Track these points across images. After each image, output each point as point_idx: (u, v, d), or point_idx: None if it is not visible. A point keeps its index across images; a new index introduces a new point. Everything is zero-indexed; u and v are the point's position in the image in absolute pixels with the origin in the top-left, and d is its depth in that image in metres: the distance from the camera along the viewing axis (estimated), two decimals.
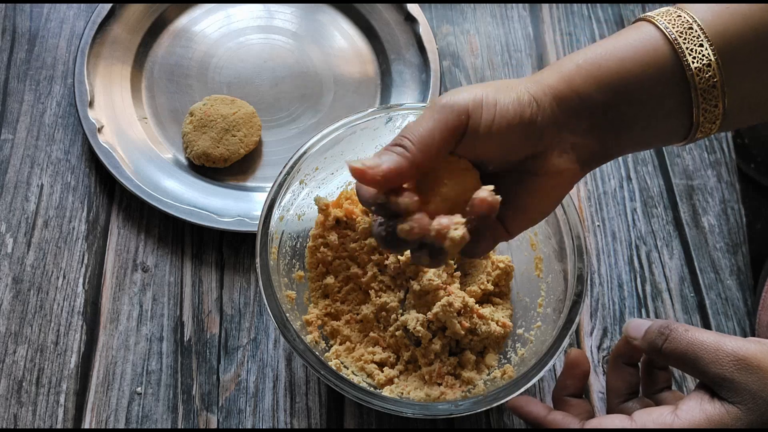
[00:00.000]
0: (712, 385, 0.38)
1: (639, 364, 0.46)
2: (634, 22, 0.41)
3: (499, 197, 0.36)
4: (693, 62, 0.38)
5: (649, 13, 0.40)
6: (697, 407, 0.38)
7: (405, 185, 0.38)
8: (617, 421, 0.40)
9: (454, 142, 0.38)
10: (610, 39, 0.40)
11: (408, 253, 0.54)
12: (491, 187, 0.36)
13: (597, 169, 0.68)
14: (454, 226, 0.35)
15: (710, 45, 0.38)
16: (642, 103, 0.39)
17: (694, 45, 0.38)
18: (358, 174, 0.36)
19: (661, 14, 0.40)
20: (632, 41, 0.39)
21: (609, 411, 0.44)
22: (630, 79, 0.38)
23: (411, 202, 0.36)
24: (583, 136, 0.39)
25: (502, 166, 0.40)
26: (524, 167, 0.40)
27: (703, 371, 0.38)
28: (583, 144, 0.40)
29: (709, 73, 0.38)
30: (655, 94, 0.38)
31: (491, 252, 0.57)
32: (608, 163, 0.68)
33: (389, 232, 0.37)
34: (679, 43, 0.38)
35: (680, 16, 0.39)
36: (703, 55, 0.38)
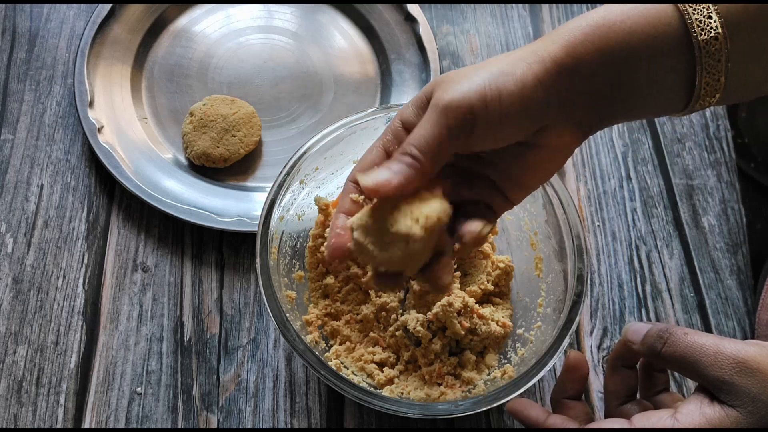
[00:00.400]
0: (712, 388, 0.38)
1: (637, 366, 0.45)
2: None
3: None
4: (701, 34, 0.37)
5: None
6: (696, 411, 0.38)
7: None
8: (616, 425, 0.39)
9: (461, 142, 0.37)
10: (622, 6, 0.39)
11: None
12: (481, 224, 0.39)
13: (597, 169, 0.68)
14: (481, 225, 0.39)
15: (719, 17, 0.37)
16: (645, 72, 0.38)
17: (703, 16, 0.37)
18: (372, 192, 0.36)
19: None
20: (642, 9, 0.38)
21: (607, 413, 0.44)
22: (636, 49, 0.37)
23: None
24: (584, 106, 0.39)
25: (498, 149, 0.40)
26: (525, 141, 0.39)
27: (703, 374, 0.38)
28: (584, 114, 0.39)
29: (716, 46, 0.37)
30: (658, 63, 0.38)
31: (491, 252, 0.57)
32: (608, 163, 0.68)
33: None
34: (688, 13, 0.37)
35: None
36: (711, 27, 0.37)
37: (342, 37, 0.73)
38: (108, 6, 0.69)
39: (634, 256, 0.64)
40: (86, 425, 0.55)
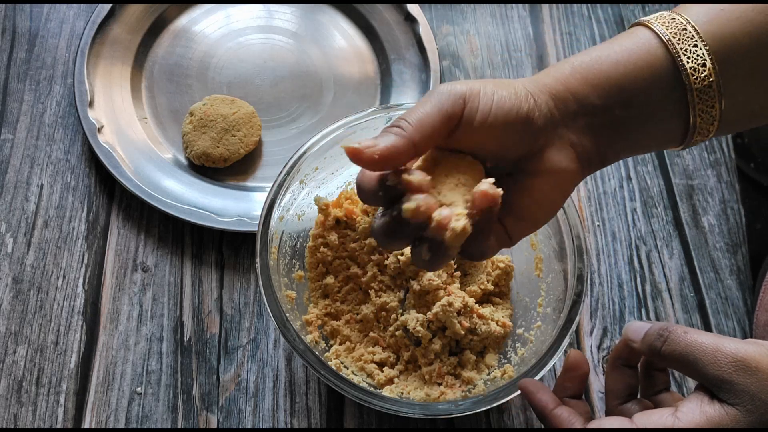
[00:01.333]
0: (711, 386, 0.38)
1: (638, 365, 0.45)
2: (629, 28, 0.42)
3: (500, 190, 0.35)
4: (687, 62, 0.38)
5: (643, 18, 0.41)
6: (697, 409, 0.38)
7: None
8: (617, 423, 0.40)
9: (449, 127, 0.38)
10: (606, 43, 0.40)
11: (408, 252, 0.54)
12: (492, 180, 0.36)
13: (600, 168, 0.68)
14: (456, 217, 0.35)
15: (704, 45, 0.38)
16: (638, 106, 0.39)
17: (689, 45, 0.38)
18: (354, 154, 0.35)
19: (655, 18, 0.40)
20: (627, 45, 0.39)
21: (608, 413, 0.44)
22: (625, 82, 0.39)
23: (423, 180, 0.36)
24: (580, 135, 0.40)
25: (500, 162, 0.40)
26: (523, 167, 0.40)
27: (702, 373, 0.38)
28: (580, 143, 0.40)
29: (704, 73, 0.38)
30: (650, 96, 0.39)
31: None
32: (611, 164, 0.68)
33: (394, 216, 0.36)
34: (673, 43, 0.38)
35: (674, 18, 0.39)
36: (698, 55, 0.38)
37: (342, 37, 0.73)
38: (108, 6, 0.69)
39: (634, 256, 0.64)
40: (86, 425, 0.55)
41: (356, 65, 0.72)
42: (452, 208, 0.36)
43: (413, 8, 0.71)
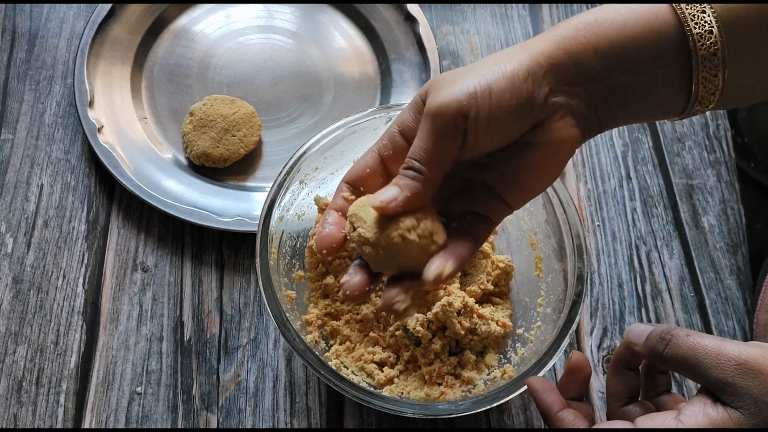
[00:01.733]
0: (714, 389, 0.38)
1: (639, 368, 0.45)
2: None
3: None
4: (695, 28, 0.37)
5: None
6: (700, 412, 0.38)
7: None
8: (620, 426, 0.39)
9: (457, 146, 0.38)
10: (612, 5, 0.39)
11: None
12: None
13: (597, 168, 0.68)
14: (397, 300, 0.39)
15: (713, 12, 0.37)
16: (640, 71, 0.38)
17: (697, 11, 0.37)
18: (381, 210, 0.38)
19: None
20: (635, 6, 0.38)
21: (609, 415, 0.44)
22: (629, 46, 0.37)
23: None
24: (580, 102, 0.39)
25: (502, 145, 0.40)
26: (523, 139, 0.39)
27: (705, 376, 0.38)
28: (580, 110, 0.39)
29: (711, 40, 0.37)
30: (654, 62, 0.38)
31: (491, 252, 0.57)
32: (608, 163, 0.68)
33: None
34: (682, 8, 0.37)
35: None
36: (706, 22, 0.37)
37: (342, 37, 0.73)
38: (108, 6, 0.69)
39: (634, 256, 0.64)
40: (86, 425, 0.55)
41: (356, 65, 0.72)
42: (395, 292, 0.39)
43: (413, 8, 0.71)
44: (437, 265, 0.38)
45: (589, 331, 0.61)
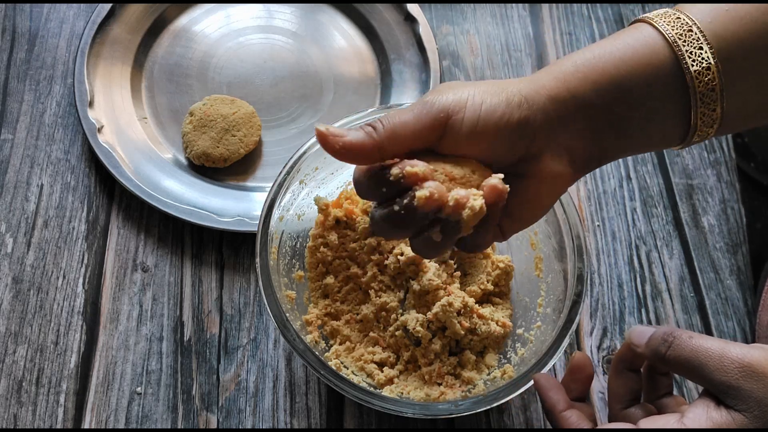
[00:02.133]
0: (717, 392, 0.38)
1: (641, 369, 0.45)
2: (631, 23, 0.41)
3: (508, 186, 0.36)
4: (693, 65, 0.37)
5: (647, 15, 0.40)
6: (703, 415, 0.37)
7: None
8: (623, 428, 0.39)
9: (429, 138, 0.38)
10: (608, 40, 0.40)
11: (408, 251, 0.54)
12: (501, 175, 0.37)
13: (597, 168, 0.68)
14: (473, 196, 0.36)
15: (710, 48, 0.37)
16: (638, 105, 0.38)
17: (694, 48, 0.37)
18: (320, 136, 0.37)
19: (659, 16, 0.39)
20: (631, 42, 0.39)
21: (611, 417, 0.44)
22: (627, 80, 0.38)
23: (428, 171, 0.36)
24: (578, 139, 0.39)
25: (495, 168, 0.40)
26: (517, 170, 0.40)
27: (708, 378, 0.38)
28: (577, 147, 0.39)
29: (709, 77, 0.37)
30: (652, 96, 0.38)
31: (491, 252, 0.57)
32: (608, 163, 0.68)
33: (403, 205, 0.36)
34: (678, 45, 0.38)
35: (679, 18, 0.38)
36: (703, 58, 0.37)
37: (342, 37, 0.73)
38: (108, 6, 0.69)
39: (634, 256, 0.64)
40: (86, 425, 0.55)
41: (356, 65, 0.72)
42: (467, 190, 0.37)
43: (413, 8, 0.71)
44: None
45: (589, 331, 0.61)
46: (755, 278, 0.64)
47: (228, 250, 0.62)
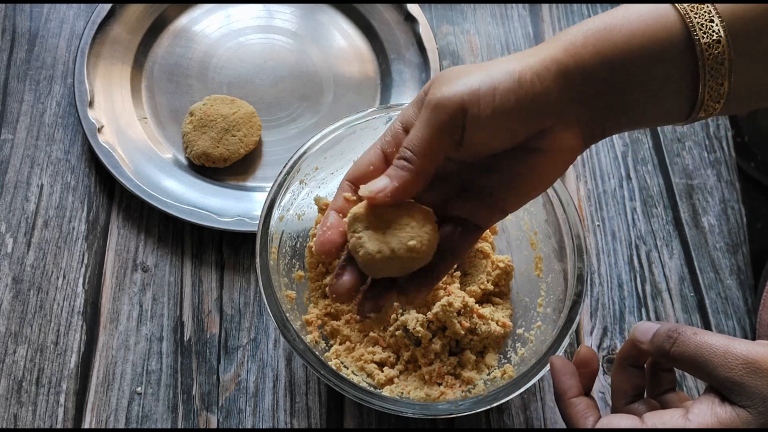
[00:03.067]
0: (722, 388, 0.38)
1: (645, 366, 0.45)
2: None
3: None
4: (703, 37, 0.37)
5: None
6: (708, 411, 0.37)
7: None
8: (629, 422, 0.39)
9: (454, 139, 0.38)
10: (620, 9, 0.39)
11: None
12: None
13: (597, 168, 0.68)
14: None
15: (721, 21, 0.37)
16: (647, 78, 0.38)
17: (705, 20, 0.37)
18: (371, 201, 0.38)
19: None
20: (643, 13, 0.38)
21: (614, 412, 0.44)
22: (637, 54, 0.37)
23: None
24: (587, 110, 0.39)
25: (504, 148, 0.39)
26: (527, 145, 0.39)
27: (713, 375, 0.38)
28: (586, 118, 0.39)
29: (719, 50, 0.37)
30: (661, 69, 0.38)
31: (491, 252, 0.57)
32: (608, 163, 0.68)
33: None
34: (690, 17, 0.37)
35: None
36: (713, 31, 0.37)
37: (342, 37, 0.73)
38: (108, 6, 0.69)
39: (634, 256, 0.64)
40: (86, 425, 0.55)
41: (356, 65, 0.72)
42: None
43: (413, 8, 0.71)
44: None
45: (589, 331, 0.61)
46: (755, 278, 0.64)
47: (228, 250, 0.62)
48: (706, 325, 0.61)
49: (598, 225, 0.65)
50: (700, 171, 0.69)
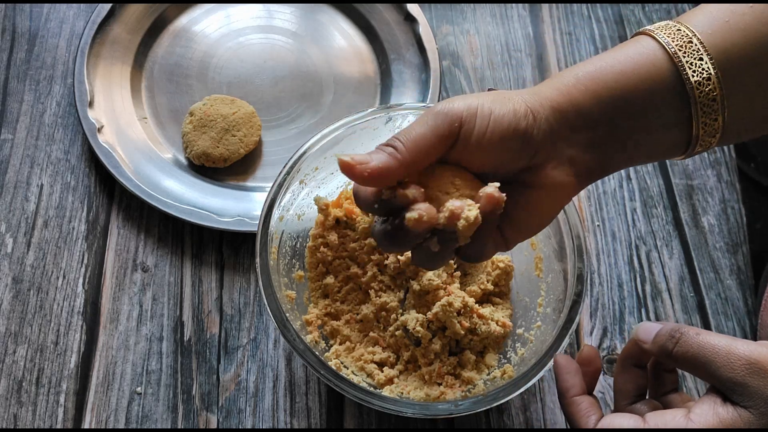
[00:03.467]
0: (724, 389, 0.38)
1: (647, 366, 0.45)
2: (633, 36, 0.41)
3: (504, 195, 0.37)
4: (693, 75, 0.38)
5: (647, 27, 0.41)
6: (710, 411, 0.38)
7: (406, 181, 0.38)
8: (631, 421, 0.39)
9: (444, 148, 0.38)
10: (610, 52, 0.40)
11: (408, 253, 0.54)
12: (497, 184, 0.37)
13: (600, 178, 0.68)
14: (468, 207, 0.36)
15: (710, 59, 0.38)
16: (640, 117, 0.39)
17: (694, 59, 0.38)
18: (346, 167, 0.36)
19: (660, 28, 0.40)
20: (632, 54, 0.39)
21: (617, 412, 0.44)
22: (629, 92, 0.38)
23: (418, 193, 0.37)
24: (581, 150, 0.40)
25: (498, 177, 0.40)
26: (521, 179, 0.40)
27: (715, 375, 0.38)
28: (581, 158, 0.40)
29: (709, 87, 0.38)
30: (653, 107, 0.39)
31: None
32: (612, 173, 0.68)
33: (395, 225, 0.37)
34: (678, 56, 0.38)
35: (680, 30, 0.39)
36: (703, 69, 0.38)
37: (342, 37, 0.73)
38: (108, 6, 0.69)
39: (634, 256, 0.64)
40: (86, 425, 0.55)
41: (356, 65, 0.72)
42: (462, 200, 0.37)
43: (413, 8, 0.71)
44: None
45: (589, 331, 0.61)
46: (755, 278, 0.64)
47: (228, 250, 0.62)
48: (706, 326, 0.61)
49: (598, 225, 0.65)
50: (700, 171, 0.69)
